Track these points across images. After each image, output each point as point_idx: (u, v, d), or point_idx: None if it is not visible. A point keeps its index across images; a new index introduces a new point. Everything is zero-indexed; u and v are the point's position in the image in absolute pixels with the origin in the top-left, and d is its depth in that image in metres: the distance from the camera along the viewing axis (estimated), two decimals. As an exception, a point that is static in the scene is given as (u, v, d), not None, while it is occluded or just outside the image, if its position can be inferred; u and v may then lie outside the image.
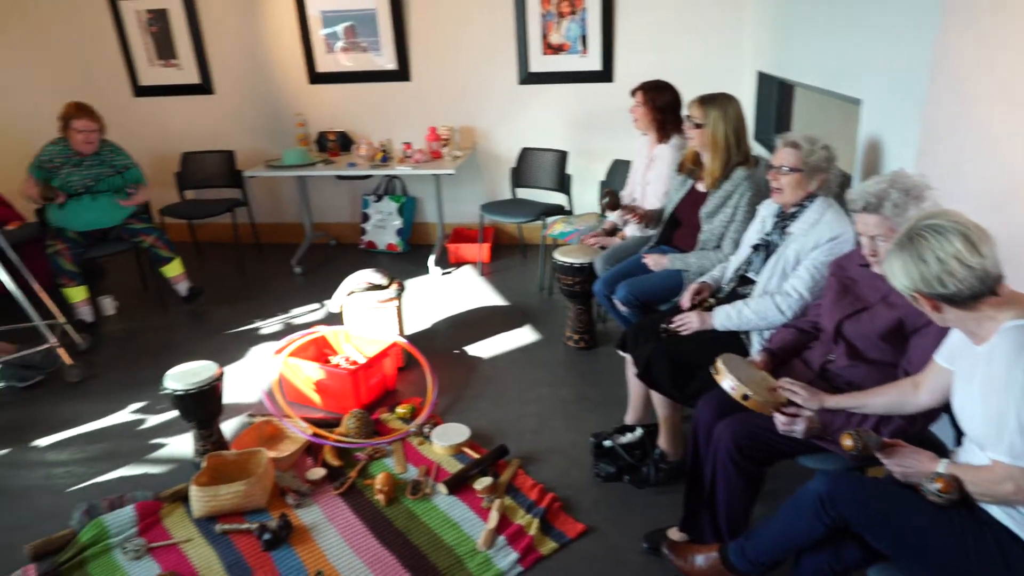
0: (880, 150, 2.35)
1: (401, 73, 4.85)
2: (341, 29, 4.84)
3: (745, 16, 4.27)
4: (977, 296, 1.33)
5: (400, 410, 2.94)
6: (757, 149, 3.76)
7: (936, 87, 1.96)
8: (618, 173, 3.95)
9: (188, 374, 2.58)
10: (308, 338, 3.21)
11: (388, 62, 4.84)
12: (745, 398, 1.77)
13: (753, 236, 2.42)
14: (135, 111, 5.22)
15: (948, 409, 1.58)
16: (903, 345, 1.77)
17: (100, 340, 3.87)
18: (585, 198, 4.58)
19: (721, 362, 1.86)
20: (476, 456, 2.63)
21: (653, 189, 3.20)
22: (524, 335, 3.68)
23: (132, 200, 3.97)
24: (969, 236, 1.32)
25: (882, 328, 1.78)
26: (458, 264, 4.76)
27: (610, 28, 4.47)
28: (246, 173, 4.65)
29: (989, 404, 1.35)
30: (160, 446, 2.87)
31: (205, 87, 5.14)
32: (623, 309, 2.82)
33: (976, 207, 1.60)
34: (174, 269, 4.09)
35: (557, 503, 2.38)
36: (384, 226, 5.07)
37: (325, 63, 4.94)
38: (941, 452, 1.55)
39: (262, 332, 3.87)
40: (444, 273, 4.60)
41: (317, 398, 3.04)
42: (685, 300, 2.47)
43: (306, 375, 3.03)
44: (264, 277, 4.73)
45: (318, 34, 4.86)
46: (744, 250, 2.44)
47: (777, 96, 3.92)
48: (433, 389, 3.04)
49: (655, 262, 2.82)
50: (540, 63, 4.65)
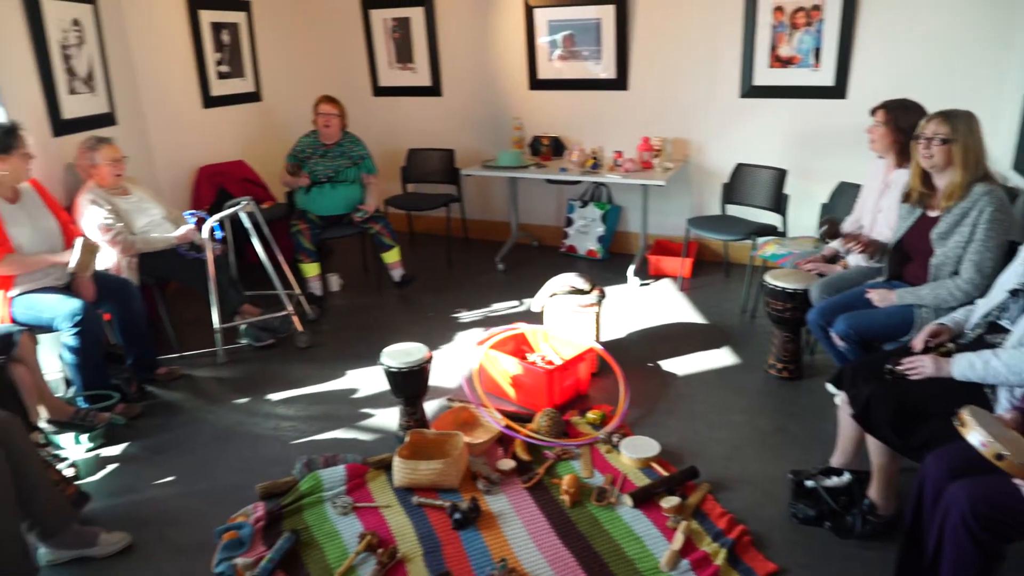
0: None
1: (618, 82, 4.88)
2: (560, 38, 4.97)
3: (1017, 39, 3.76)
4: None
5: (591, 415, 2.97)
6: (1015, 179, 3.31)
7: None
8: (844, 197, 3.67)
9: (402, 353, 2.79)
10: (509, 333, 3.34)
11: (606, 71, 4.89)
12: (999, 458, 1.56)
13: (1011, 279, 2.13)
14: (373, 109, 5.74)
15: None
16: None
17: (325, 312, 4.31)
18: (801, 220, 4.31)
19: (968, 413, 1.66)
20: (664, 473, 2.58)
21: (885, 217, 2.94)
22: (722, 357, 3.55)
23: (368, 206, 4.38)
24: None
25: None
26: (657, 276, 4.69)
27: (848, 41, 4.16)
28: (463, 171, 4.93)
29: None
30: (369, 416, 3.13)
31: (435, 89, 5.53)
32: (840, 344, 2.61)
33: None
34: (393, 256, 4.45)
35: (747, 537, 2.27)
36: (586, 232, 5.13)
37: (545, 70, 5.10)
38: None
39: (464, 321, 4.08)
40: (642, 284, 4.56)
41: (512, 392, 3.15)
42: (918, 342, 2.23)
43: (503, 368, 3.15)
44: (469, 270, 4.99)
45: (540, 42, 5.03)
46: (998, 294, 2.16)
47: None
48: (625, 399, 3.03)
49: (881, 298, 2.59)
50: (765, 76, 4.45)
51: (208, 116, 4.91)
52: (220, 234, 3.58)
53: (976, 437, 1.60)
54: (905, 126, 2.87)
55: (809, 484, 2.40)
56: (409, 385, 2.77)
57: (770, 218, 4.26)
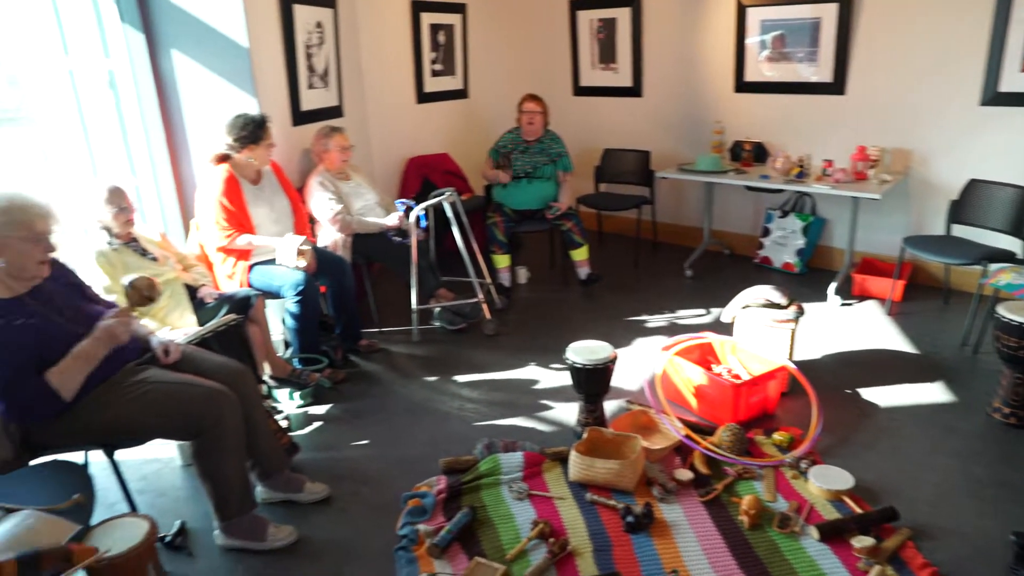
0: None
1: (834, 86, 4.55)
2: (769, 38, 4.72)
3: None
4: None
5: (777, 437, 2.81)
6: None
7: None
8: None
9: (587, 350, 2.82)
10: (695, 342, 3.25)
11: (820, 74, 4.58)
12: None
13: None
14: (572, 108, 5.83)
15: None
16: None
17: (512, 303, 4.46)
18: (1047, 248, 3.77)
19: None
20: (858, 510, 2.38)
21: None
22: (934, 392, 3.20)
23: (561, 204, 4.46)
24: None
25: None
26: (862, 297, 4.33)
27: None
28: (658, 174, 4.86)
29: None
30: (548, 407, 3.20)
31: (635, 90, 5.50)
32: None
33: None
34: (581, 254, 4.51)
35: (953, 595, 2.04)
36: (784, 244, 4.85)
37: (752, 72, 4.88)
38: None
39: (647, 325, 4.03)
40: (844, 304, 4.23)
41: (694, 402, 3.07)
42: None
43: (687, 377, 3.08)
44: (656, 274, 4.92)
45: (749, 43, 4.82)
46: None
47: None
48: (818, 424, 2.83)
49: None
50: (1015, 82, 3.93)
51: (420, 111, 5.26)
52: (424, 222, 3.82)
53: None
54: None
55: (1037, 548, 2.10)
56: (592, 383, 2.80)
57: (1007, 242, 3.76)
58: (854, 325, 3.95)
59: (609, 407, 3.12)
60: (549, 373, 3.52)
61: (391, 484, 2.67)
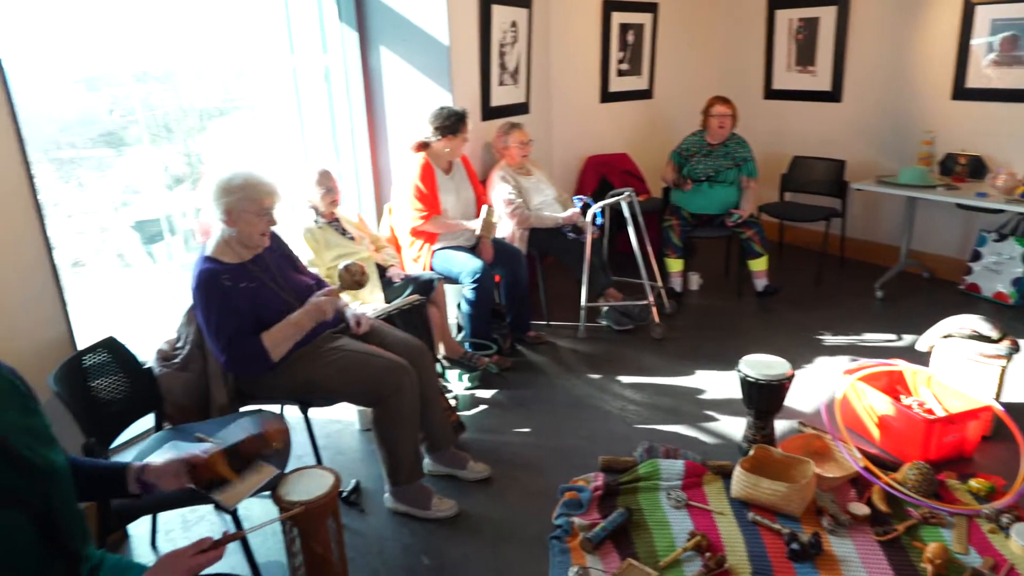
0: None
1: (1080, 95, 3.99)
2: (997, 40, 4.22)
3: None
4: None
5: (974, 484, 2.53)
6: None
7: None
8: None
9: (762, 365, 2.70)
10: (884, 368, 3.00)
11: (1066, 81, 4.03)
12: None
13: None
14: (761, 112, 5.57)
15: None
16: None
17: (682, 309, 4.36)
18: None
19: None
20: (1071, 578, 2.09)
21: None
22: None
23: (743, 210, 4.29)
24: None
25: None
26: (1093, 338, 3.76)
27: None
28: (853, 185, 4.53)
29: None
30: (713, 419, 3.10)
31: (833, 95, 5.15)
32: None
33: None
34: (760, 264, 4.31)
35: None
36: (998, 271, 4.33)
37: (975, 77, 4.39)
38: None
39: (827, 345, 3.78)
40: (1069, 344, 3.70)
41: (876, 433, 2.84)
42: None
43: (871, 405, 2.85)
44: (841, 292, 4.59)
45: (974, 44, 4.33)
46: None
47: None
48: (1026, 475, 2.51)
49: None
50: None
51: (602, 110, 5.28)
52: (600, 220, 3.84)
53: None
54: None
55: None
56: (764, 399, 2.68)
57: None
58: (1081, 369, 3.44)
59: (780, 426, 2.96)
60: (716, 383, 3.41)
61: (548, 473, 2.73)
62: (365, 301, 3.12)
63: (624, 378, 3.50)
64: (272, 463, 2.05)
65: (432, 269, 3.54)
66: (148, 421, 2.46)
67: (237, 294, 2.29)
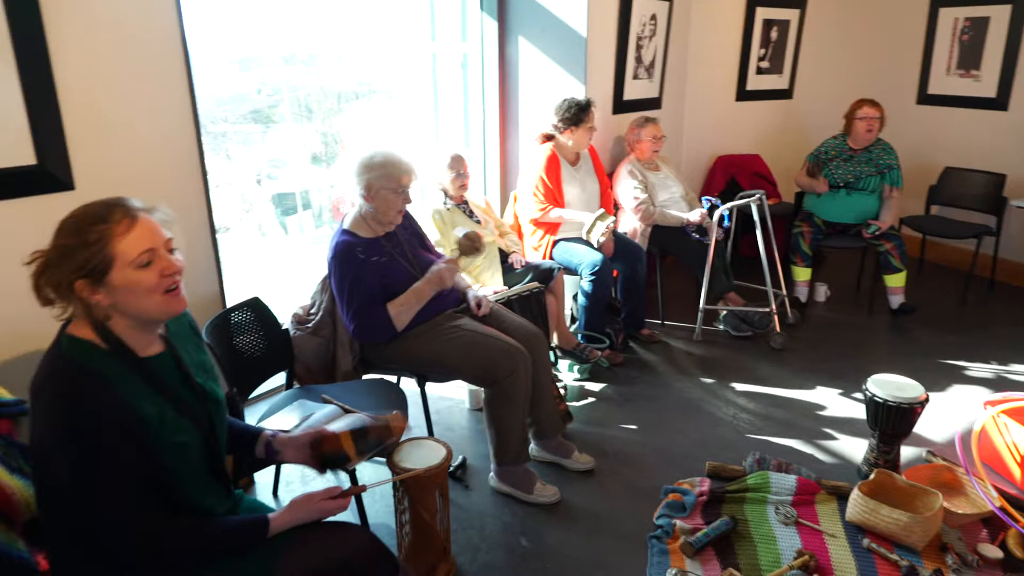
0: None
1: None
2: None
3: None
4: None
5: None
6: None
7: None
8: None
9: (892, 385, 2.55)
10: (1032, 403, 2.75)
11: None
12: None
13: None
14: (913, 118, 5.20)
15: None
16: None
17: (806, 320, 4.17)
18: None
19: None
20: None
21: None
22: None
23: (883, 222, 4.04)
24: None
25: None
26: None
27: None
28: (1014, 202, 4.17)
29: None
30: (832, 437, 2.96)
31: (1000, 102, 4.73)
32: None
33: None
34: (897, 280, 4.05)
35: None
36: None
37: None
38: None
39: (967, 373, 3.51)
40: None
41: (1018, 472, 2.61)
42: None
43: (1014, 441, 2.62)
44: (989, 317, 4.24)
45: None
46: None
47: None
48: None
49: None
50: None
51: (737, 109, 5.11)
52: (727, 222, 3.74)
53: None
54: None
55: None
56: (892, 422, 2.52)
57: None
58: None
59: (905, 453, 2.79)
60: (837, 401, 3.25)
61: (652, 472, 2.71)
62: (485, 284, 3.21)
63: (738, 385, 3.40)
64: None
65: (552, 259, 3.58)
66: (280, 378, 2.66)
67: (369, 267, 2.42)
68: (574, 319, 3.80)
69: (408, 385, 2.72)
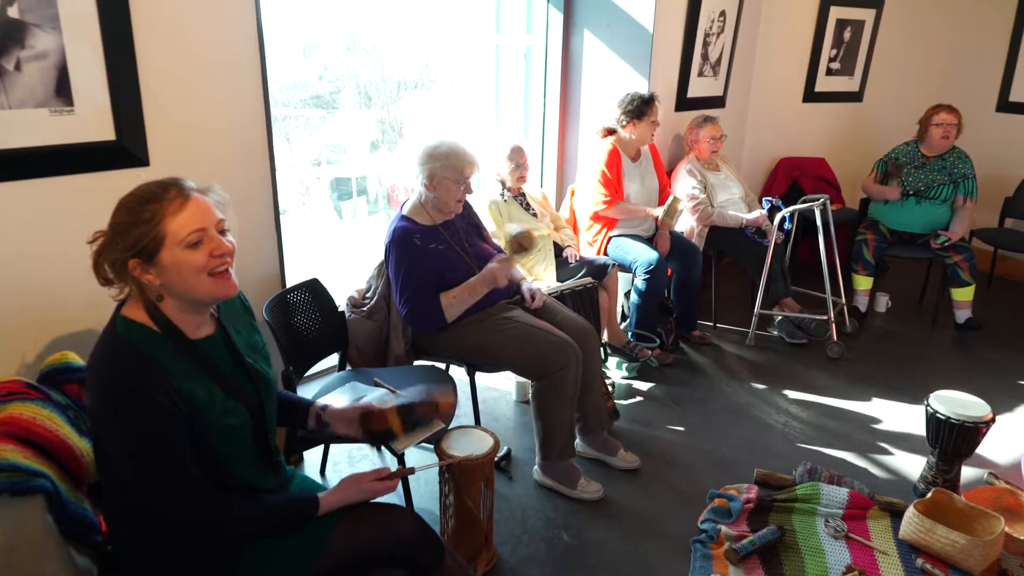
0: None
1: None
2: None
3: None
4: None
5: None
6: None
7: None
8: None
9: (956, 403, 2.46)
10: (1106, 430, 2.62)
11: None
12: None
13: None
14: (992, 125, 4.98)
15: None
16: None
17: (863, 330, 4.05)
18: None
19: None
20: None
21: None
22: None
23: (954, 233, 3.88)
24: None
25: None
26: None
27: None
28: (1096, 218, 3.95)
29: None
30: (887, 452, 2.88)
31: (1086, 113, 4.50)
32: None
33: None
34: (966, 295, 3.90)
35: None
36: None
37: None
38: None
39: (1037, 395, 3.36)
40: None
41: (1087, 501, 2.49)
42: None
43: (1084, 469, 2.51)
44: (1061, 338, 4.05)
45: None
46: None
47: None
48: None
49: None
50: None
51: (804, 110, 4.98)
52: (788, 225, 3.65)
53: None
54: None
55: None
56: (954, 441, 2.43)
57: None
58: None
59: (965, 473, 2.69)
60: (894, 415, 3.15)
61: (698, 476, 2.67)
62: (538, 277, 3.21)
63: (791, 393, 3.32)
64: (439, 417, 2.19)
65: (606, 255, 3.55)
66: (333, 359, 2.71)
67: (426, 254, 2.44)
68: (625, 317, 3.78)
69: (457, 373, 2.74)
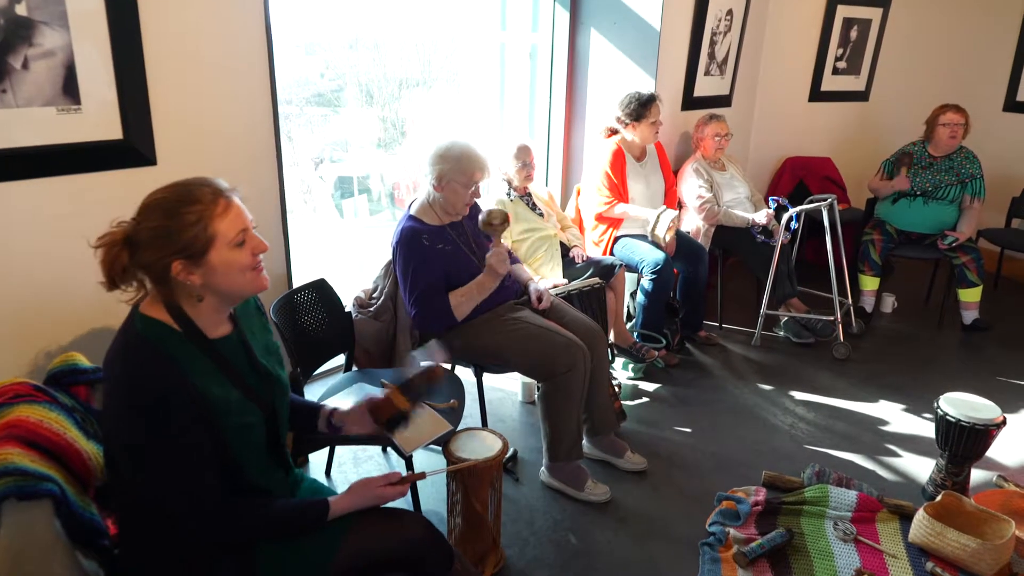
0: None
1: None
2: None
3: None
4: None
5: None
6: None
7: None
8: None
9: (966, 405, 2.45)
10: (1117, 433, 2.61)
11: None
12: None
13: None
14: (999, 125, 4.96)
15: None
16: None
17: (869, 331, 4.04)
18: None
19: None
20: None
21: None
22: None
23: (961, 233, 3.86)
24: None
25: None
26: None
27: None
28: (1104, 219, 3.94)
29: None
30: (895, 454, 2.86)
31: (1094, 113, 4.48)
32: None
33: None
34: (972, 295, 3.89)
35: None
36: None
37: None
38: None
39: (1043, 397, 3.35)
40: None
41: (1097, 504, 2.48)
42: None
43: (1095, 472, 2.49)
44: (1068, 339, 4.04)
45: None
46: None
47: None
48: None
49: None
50: None
51: (810, 110, 4.96)
52: (795, 225, 3.63)
53: None
54: None
55: None
56: (965, 444, 2.42)
57: None
58: None
59: (974, 476, 2.67)
60: (901, 417, 3.13)
61: (705, 477, 2.66)
62: (544, 277, 3.19)
63: (797, 394, 3.31)
64: (447, 418, 2.19)
65: (612, 254, 3.54)
66: (340, 359, 2.69)
67: (433, 254, 2.43)
68: (631, 317, 3.76)
69: (464, 374, 2.72)
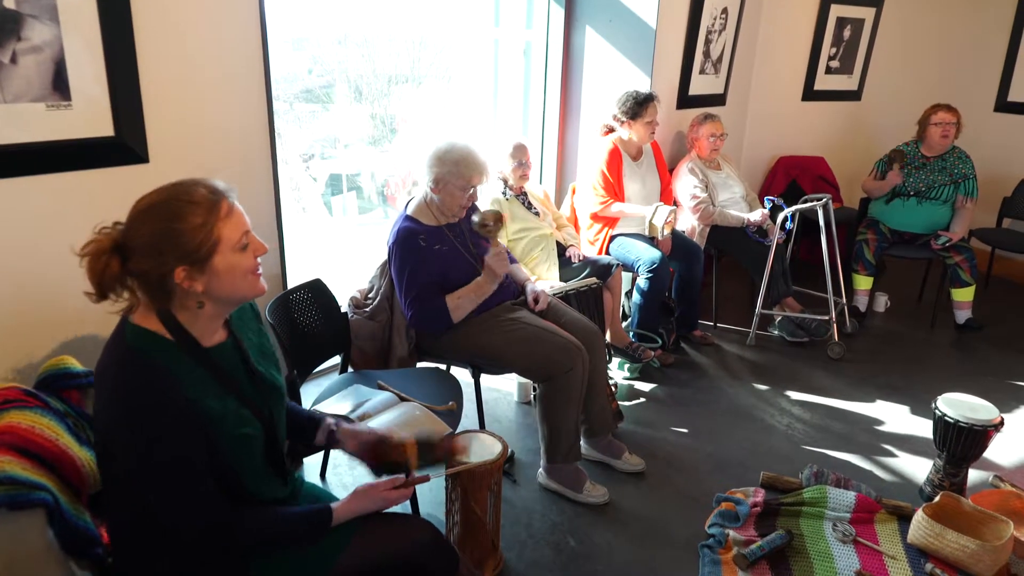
0: None
1: None
2: None
3: None
4: None
5: None
6: None
7: None
8: None
9: (963, 405, 2.45)
10: (1112, 433, 2.62)
11: None
12: None
13: None
14: (990, 125, 4.98)
15: None
16: None
17: (863, 330, 4.05)
18: None
19: None
20: None
21: None
22: None
23: (954, 233, 3.87)
24: None
25: None
26: None
27: None
28: (1095, 219, 3.96)
29: None
30: (891, 454, 2.87)
31: (1085, 113, 4.51)
32: None
33: None
34: (965, 295, 3.90)
35: None
36: None
37: None
38: None
39: (1036, 396, 3.37)
40: None
41: (1093, 504, 2.49)
42: None
43: (1091, 472, 2.50)
44: (1060, 338, 4.06)
45: None
46: None
47: None
48: None
49: None
50: None
51: (803, 109, 4.96)
52: (790, 225, 3.63)
53: None
54: None
55: None
56: (963, 444, 2.42)
57: None
58: None
59: (970, 477, 2.68)
60: (897, 416, 3.14)
61: (703, 478, 2.65)
62: (541, 277, 3.17)
63: (793, 394, 3.31)
64: (445, 420, 2.16)
65: (608, 253, 3.52)
66: (336, 360, 2.66)
67: (430, 255, 2.40)
68: (626, 316, 3.75)
69: (461, 375, 2.70)
